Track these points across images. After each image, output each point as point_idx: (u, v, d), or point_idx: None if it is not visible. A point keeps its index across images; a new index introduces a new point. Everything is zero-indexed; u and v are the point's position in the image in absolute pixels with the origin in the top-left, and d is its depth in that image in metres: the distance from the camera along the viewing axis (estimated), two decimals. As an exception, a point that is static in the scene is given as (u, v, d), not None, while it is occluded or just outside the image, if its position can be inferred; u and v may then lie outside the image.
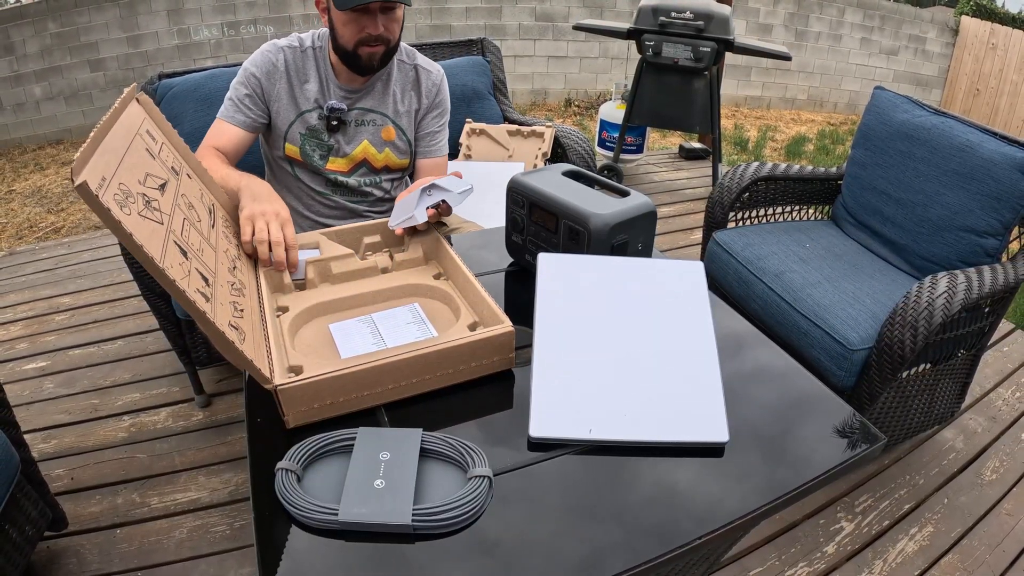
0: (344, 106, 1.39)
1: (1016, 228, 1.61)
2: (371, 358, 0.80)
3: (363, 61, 1.31)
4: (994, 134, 1.60)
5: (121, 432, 1.77)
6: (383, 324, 0.97)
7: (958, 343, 1.53)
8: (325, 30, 1.39)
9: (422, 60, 1.47)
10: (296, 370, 0.80)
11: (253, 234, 1.03)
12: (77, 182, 0.66)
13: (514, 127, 2.23)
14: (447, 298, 1.02)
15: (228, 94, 1.39)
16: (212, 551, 1.42)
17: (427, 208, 1.10)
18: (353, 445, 0.74)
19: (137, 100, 1.00)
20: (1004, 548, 1.45)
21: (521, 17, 6.29)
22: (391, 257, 1.10)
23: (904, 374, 1.44)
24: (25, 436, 1.27)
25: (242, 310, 0.90)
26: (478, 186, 1.91)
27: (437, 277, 1.06)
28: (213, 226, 1.02)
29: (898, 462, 1.69)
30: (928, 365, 1.50)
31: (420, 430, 0.76)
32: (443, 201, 1.11)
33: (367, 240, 1.13)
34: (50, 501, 1.33)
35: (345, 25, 1.27)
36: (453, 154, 2.20)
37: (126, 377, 1.98)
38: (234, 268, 1.00)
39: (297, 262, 1.04)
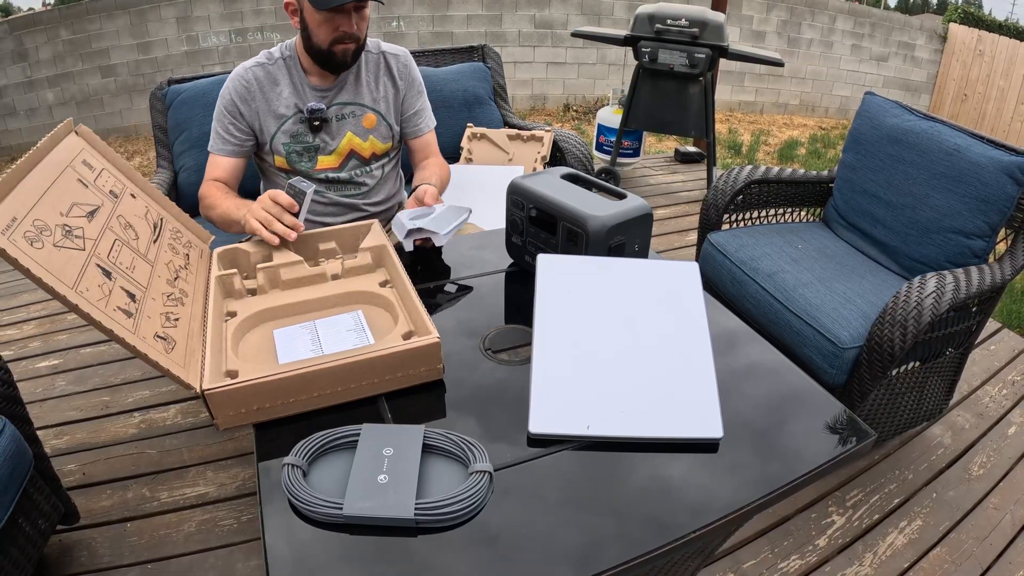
0: (322, 105, 1.43)
1: (1003, 230, 1.63)
2: (302, 365, 0.82)
3: (338, 58, 1.36)
4: (981, 138, 1.63)
5: (131, 428, 1.80)
6: (324, 331, 0.98)
7: (946, 341, 1.56)
8: (291, 40, 1.44)
9: (386, 46, 1.52)
10: (232, 374, 0.82)
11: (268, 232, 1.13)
12: None
13: (514, 131, 2.26)
14: (389, 306, 1.03)
15: (213, 125, 1.43)
16: (220, 544, 1.45)
17: (414, 240, 1.16)
18: (357, 441, 0.76)
19: (76, 132, 1.03)
20: (991, 541, 1.48)
21: (521, 24, 6.33)
22: (342, 264, 1.12)
23: (894, 372, 1.46)
24: (38, 432, 1.29)
25: (176, 319, 0.93)
26: (479, 189, 1.94)
27: (383, 284, 1.08)
28: (156, 240, 1.04)
29: (888, 458, 1.72)
30: (917, 363, 1.53)
31: (423, 426, 0.78)
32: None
33: (322, 247, 1.16)
34: (62, 495, 1.35)
35: (320, 25, 1.32)
36: (455, 157, 2.24)
37: (136, 375, 2.01)
38: (176, 279, 1.02)
39: (295, 223, 1.14)
